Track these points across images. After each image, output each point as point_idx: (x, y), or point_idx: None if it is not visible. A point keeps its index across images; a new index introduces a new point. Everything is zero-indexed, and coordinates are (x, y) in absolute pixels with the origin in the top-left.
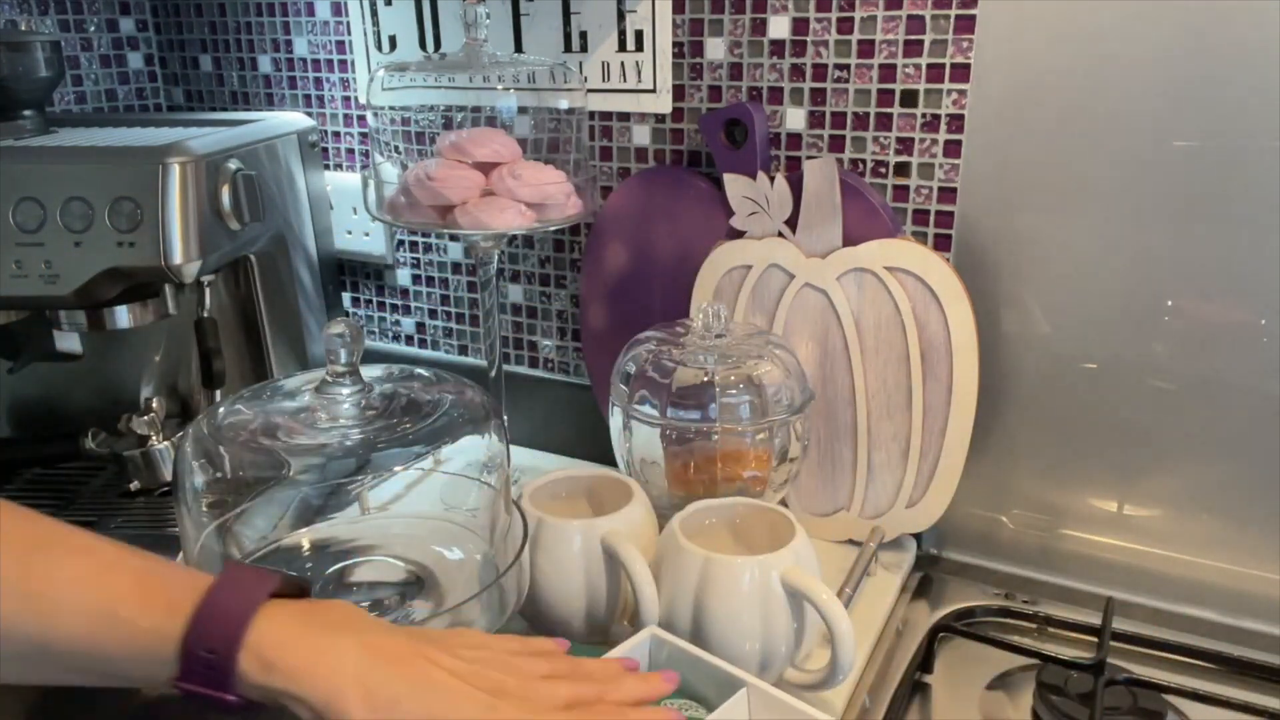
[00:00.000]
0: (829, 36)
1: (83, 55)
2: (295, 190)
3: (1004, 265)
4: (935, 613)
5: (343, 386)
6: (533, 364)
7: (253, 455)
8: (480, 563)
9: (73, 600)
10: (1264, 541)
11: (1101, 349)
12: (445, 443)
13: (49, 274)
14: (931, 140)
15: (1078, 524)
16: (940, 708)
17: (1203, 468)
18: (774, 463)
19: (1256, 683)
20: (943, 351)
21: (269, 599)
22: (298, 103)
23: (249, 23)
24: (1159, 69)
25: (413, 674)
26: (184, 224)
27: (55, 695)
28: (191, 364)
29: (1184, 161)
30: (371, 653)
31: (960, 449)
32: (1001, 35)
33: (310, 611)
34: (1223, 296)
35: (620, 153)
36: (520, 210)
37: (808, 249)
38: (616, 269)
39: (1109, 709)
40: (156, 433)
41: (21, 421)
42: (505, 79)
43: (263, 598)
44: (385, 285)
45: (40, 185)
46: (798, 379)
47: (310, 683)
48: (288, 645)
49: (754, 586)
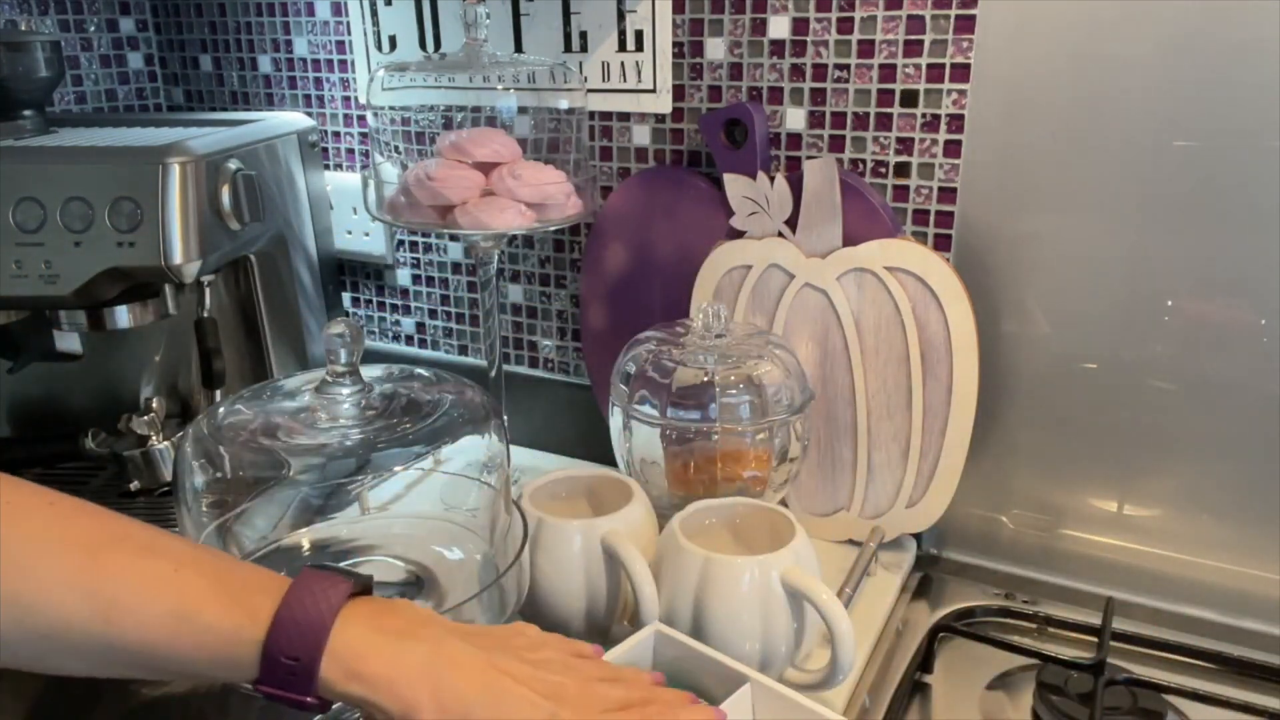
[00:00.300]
0: (829, 36)
1: (83, 55)
2: (295, 190)
3: (1004, 265)
4: (935, 613)
5: (343, 386)
6: (533, 364)
7: (253, 455)
8: (480, 563)
9: (147, 602)
10: (1264, 541)
11: (1101, 349)
12: (445, 443)
13: (49, 274)
14: (931, 140)
15: (1078, 524)
16: (940, 708)
17: (1203, 468)
18: (774, 463)
19: (1256, 683)
20: (943, 351)
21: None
22: (298, 103)
23: (249, 23)
24: (1159, 69)
25: (482, 682)
26: (184, 224)
27: (55, 695)
28: (191, 364)
29: (1184, 161)
30: (444, 661)
31: (960, 449)
32: (1001, 35)
33: (381, 615)
34: (1223, 296)
35: (620, 153)
36: (520, 210)
37: (808, 249)
38: (616, 269)
39: (1109, 709)
40: (156, 433)
41: (21, 421)
42: (505, 79)
43: (341, 603)
44: (385, 285)
45: (40, 185)
46: (798, 379)
47: (389, 691)
48: (367, 654)
49: (754, 586)
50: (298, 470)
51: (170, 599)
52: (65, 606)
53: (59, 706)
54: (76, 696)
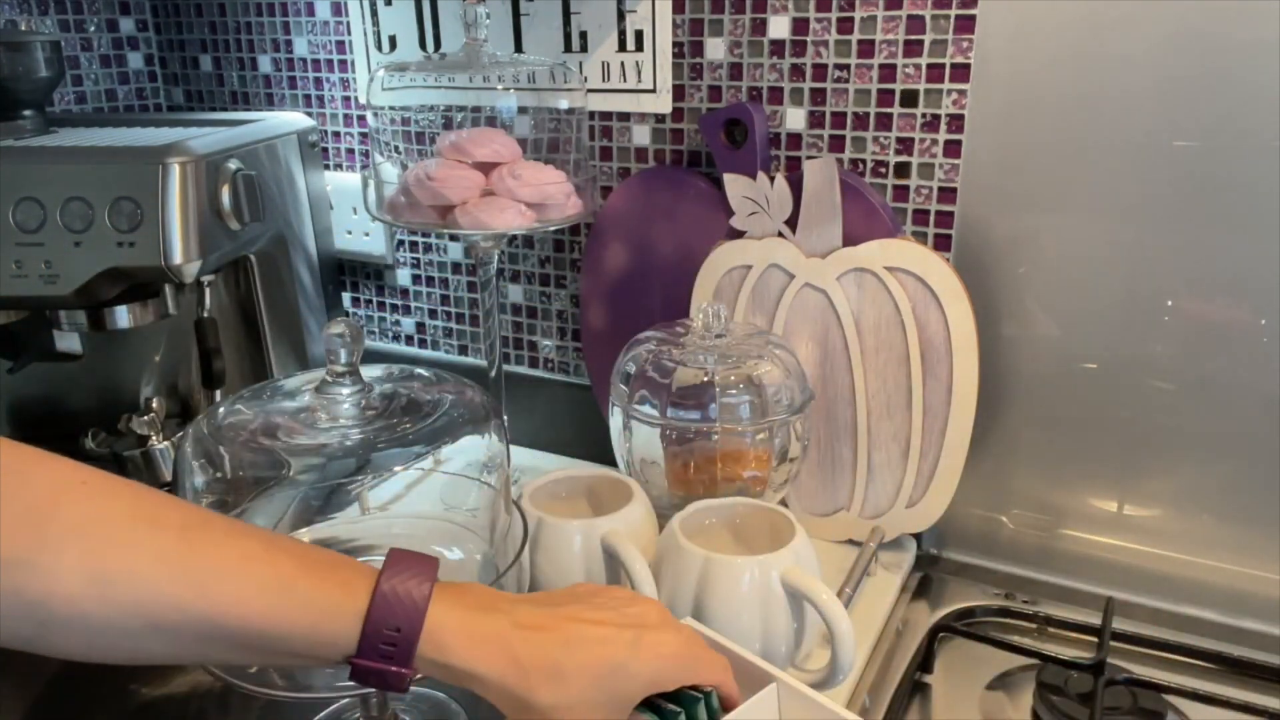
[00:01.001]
0: (829, 36)
1: (83, 55)
2: (295, 190)
3: (1004, 265)
4: (935, 613)
5: (343, 386)
6: (533, 364)
7: (253, 455)
8: (480, 563)
9: (242, 577)
10: (1264, 541)
11: (1101, 349)
12: (445, 443)
13: (49, 274)
14: (931, 140)
15: (1078, 524)
16: (940, 708)
17: (1203, 468)
18: (774, 463)
19: (1256, 683)
20: (943, 351)
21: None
22: (298, 103)
23: (249, 23)
24: (1159, 69)
25: (563, 636)
26: (184, 224)
27: (55, 695)
28: (191, 364)
29: (1184, 161)
30: (523, 628)
31: (960, 449)
32: (1001, 35)
33: (462, 593)
34: (1223, 296)
35: (620, 153)
36: (520, 210)
37: (808, 249)
38: (616, 269)
39: (1109, 709)
40: (156, 433)
41: (21, 421)
42: (505, 79)
43: (434, 577)
44: (385, 285)
45: (40, 185)
46: (798, 379)
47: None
48: (458, 627)
49: (754, 586)
50: (298, 470)
51: (266, 573)
52: (157, 582)
53: (59, 706)
54: (77, 696)
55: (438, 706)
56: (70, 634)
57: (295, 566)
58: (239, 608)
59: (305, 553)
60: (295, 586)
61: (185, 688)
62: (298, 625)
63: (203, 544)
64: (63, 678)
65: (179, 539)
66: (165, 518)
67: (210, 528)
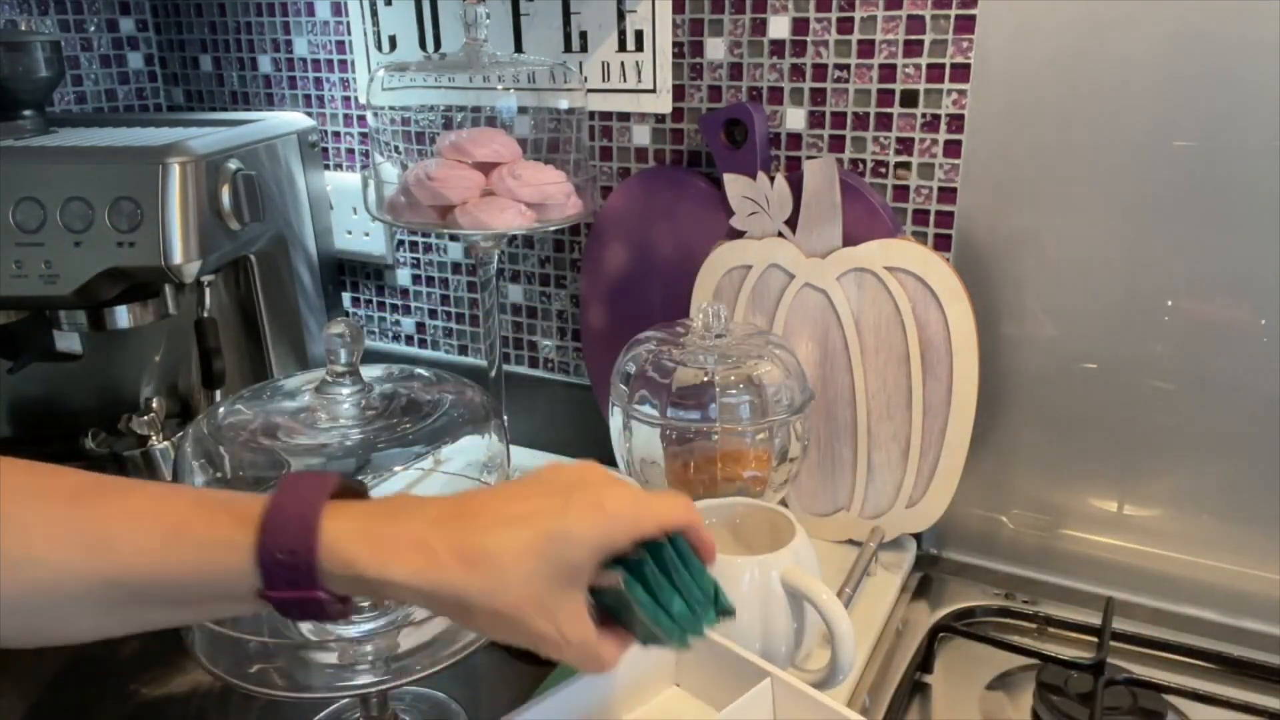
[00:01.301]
0: (829, 36)
1: (83, 55)
2: (295, 190)
3: (1004, 265)
4: (935, 613)
5: (343, 386)
6: (533, 364)
7: (253, 455)
8: None
9: (137, 531)
10: (1264, 541)
11: (1101, 349)
12: (445, 443)
13: (49, 274)
14: (931, 140)
15: (1078, 524)
16: (940, 708)
17: (1203, 468)
18: (774, 463)
19: (1256, 683)
20: (943, 351)
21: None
22: (298, 103)
23: (249, 23)
24: (1158, 69)
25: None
26: (184, 224)
27: (55, 695)
28: (191, 364)
29: (1183, 161)
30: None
31: (960, 449)
32: (1001, 35)
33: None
34: (1223, 296)
35: (620, 153)
36: (520, 210)
37: (808, 249)
38: (616, 269)
39: (1109, 709)
40: (156, 433)
41: (21, 421)
42: (505, 79)
43: (326, 495)
44: (385, 285)
45: (40, 185)
46: (798, 379)
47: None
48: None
49: (754, 586)
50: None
51: (156, 525)
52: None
53: (59, 706)
54: (77, 697)
55: (438, 706)
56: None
57: (187, 510)
58: (134, 560)
59: (200, 497)
60: (188, 531)
61: (185, 688)
62: (194, 567)
63: (98, 508)
64: (63, 678)
65: (68, 506)
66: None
67: (102, 491)
